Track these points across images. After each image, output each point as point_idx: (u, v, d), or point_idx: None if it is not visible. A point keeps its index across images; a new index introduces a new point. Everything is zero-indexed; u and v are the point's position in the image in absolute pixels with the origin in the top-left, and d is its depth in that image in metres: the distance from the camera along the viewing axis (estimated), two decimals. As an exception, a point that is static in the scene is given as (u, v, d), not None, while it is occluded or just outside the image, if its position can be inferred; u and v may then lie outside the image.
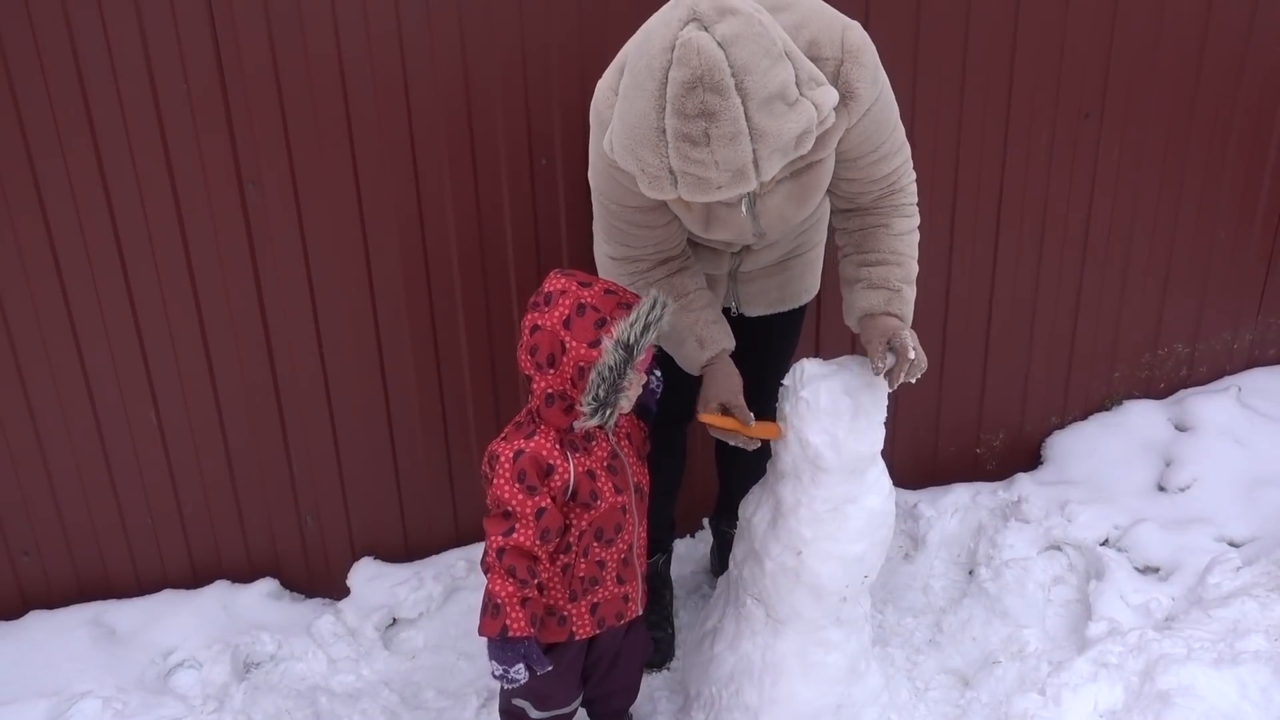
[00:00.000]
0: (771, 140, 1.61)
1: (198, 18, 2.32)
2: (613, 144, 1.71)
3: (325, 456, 2.78)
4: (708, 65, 1.55)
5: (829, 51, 1.79)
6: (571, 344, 1.90)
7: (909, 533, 2.99)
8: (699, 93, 1.56)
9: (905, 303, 2.06)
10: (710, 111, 1.56)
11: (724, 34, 1.56)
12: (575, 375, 1.91)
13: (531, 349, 1.93)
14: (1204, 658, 2.40)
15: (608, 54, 2.45)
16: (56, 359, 2.56)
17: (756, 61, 1.57)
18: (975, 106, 2.76)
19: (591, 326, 1.89)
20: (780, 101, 1.60)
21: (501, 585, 1.97)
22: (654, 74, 1.59)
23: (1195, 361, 3.31)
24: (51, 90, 2.32)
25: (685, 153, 1.60)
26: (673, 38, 1.58)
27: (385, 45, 2.42)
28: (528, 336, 1.94)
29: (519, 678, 2.02)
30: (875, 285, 2.04)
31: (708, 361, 2.11)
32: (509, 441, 1.99)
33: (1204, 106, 2.96)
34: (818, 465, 2.09)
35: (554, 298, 1.92)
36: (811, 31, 1.78)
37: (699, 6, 1.59)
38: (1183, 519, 2.89)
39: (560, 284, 1.93)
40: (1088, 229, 3.00)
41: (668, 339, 2.13)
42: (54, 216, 2.43)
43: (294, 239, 2.55)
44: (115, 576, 2.80)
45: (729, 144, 1.58)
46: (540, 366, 1.94)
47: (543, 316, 1.92)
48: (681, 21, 1.59)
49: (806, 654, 2.26)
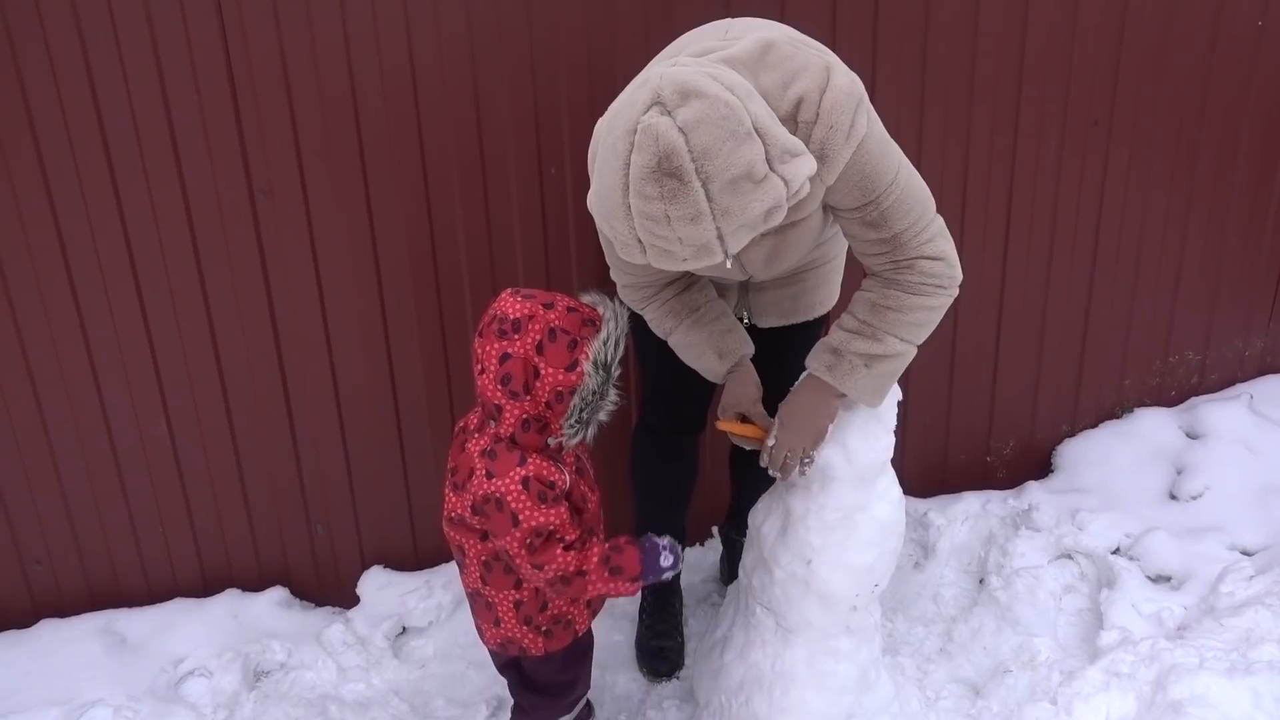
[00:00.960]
0: (736, 219, 1.61)
1: (209, 29, 2.33)
2: (591, 205, 1.74)
3: (335, 465, 2.79)
4: (665, 151, 1.56)
5: (807, 115, 1.76)
6: (546, 370, 1.89)
7: (919, 541, 2.98)
8: (658, 177, 1.57)
9: (845, 375, 1.97)
10: (669, 195, 1.57)
11: (685, 119, 1.56)
12: (551, 399, 1.91)
13: (504, 378, 1.89)
14: (1217, 667, 2.39)
15: (616, 65, 2.49)
16: (69, 368, 2.57)
17: (719, 145, 1.57)
18: (984, 114, 2.76)
19: (565, 350, 1.89)
20: (747, 180, 1.59)
21: (601, 579, 2.00)
22: (618, 154, 1.61)
23: (1206, 369, 3.30)
24: (64, 100, 2.34)
25: (649, 229, 1.62)
26: (635, 121, 1.59)
27: (395, 55, 2.43)
28: (497, 366, 1.89)
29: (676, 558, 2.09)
30: (829, 345, 2.01)
31: (729, 370, 2.13)
32: (501, 478, 1.93)
33: (1213, 113, 2.96)
34: (827, 473, 2.09)
35: (522, 324, 1.89)
36: (797, 92, 1.76)
37: (663, 91, 1.59)
38: (1195, 527, 2.88)
39: (524, 308, 1.90)
40: (1097, 236, 2.99)
41: (683, 354, 2.14)
42: (66, 227, 2.44)
43: (304, 248, 2.56)
44: (126, 585, 2.81)
45: (690, 224, 1.59)
46: (515, 395, 1.90)
47: (512, 344, 1.89)
48: (645, 105, 1.59)
49: (816, 663, 2.25)
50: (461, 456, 2.04)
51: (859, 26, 2.60)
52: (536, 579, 1.99)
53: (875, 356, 1.96)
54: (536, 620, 2.12)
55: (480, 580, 2.10)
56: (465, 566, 2.13)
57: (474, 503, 1.97)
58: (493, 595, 2.11)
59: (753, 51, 1.77)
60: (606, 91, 2.44)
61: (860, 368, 1.97)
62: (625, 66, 2.44)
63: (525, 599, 2.10)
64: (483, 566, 2.08)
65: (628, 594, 2.04)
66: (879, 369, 1.98)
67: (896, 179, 1.87)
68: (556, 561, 1.96)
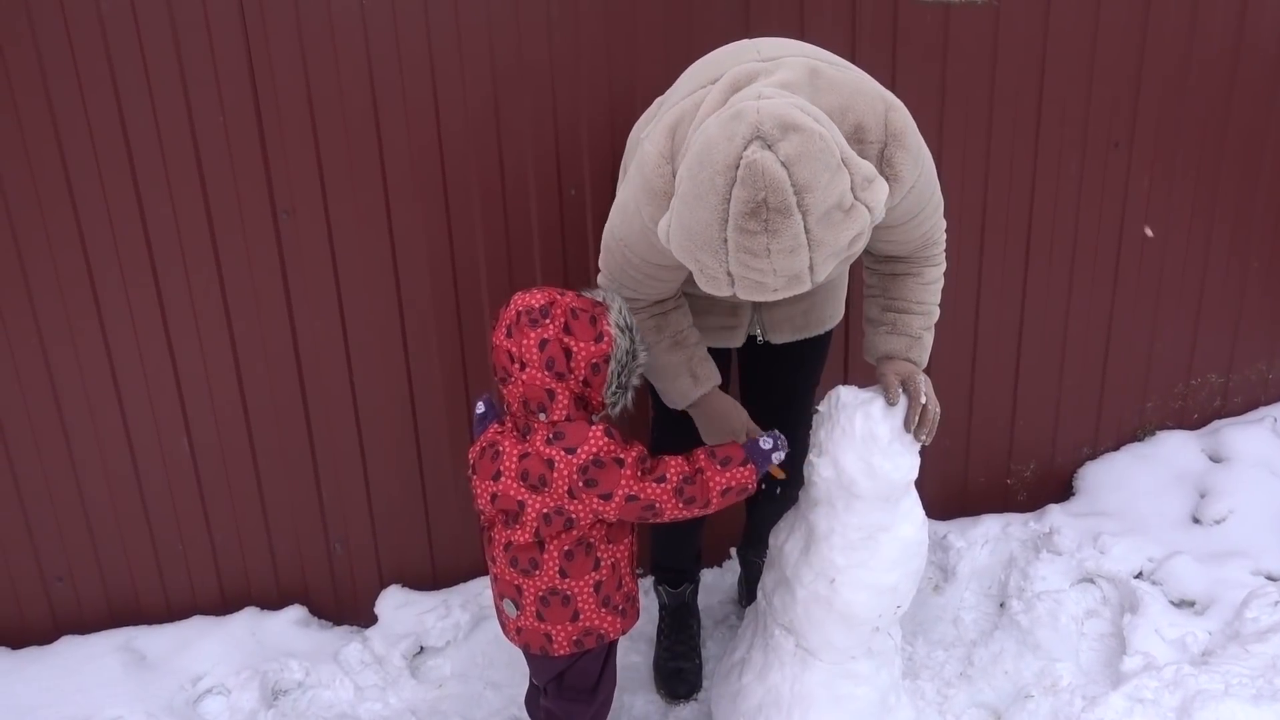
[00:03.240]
0: (827, 248, 1.65)
1: (234, 52, 2.36)
2: (669, 237, 1.74)
3: (354, 484, 2.80)
4: (771, 187, 1.58)
5: (874, 135, 1.81)
6: (577, 346, 1.97)
7: (939, 564, 2.96)
8: (762, 213, 1.59)
9: (924, 349, 2.14)
10: (773, 230, 1.60)
11: (787, 154, 1.59)
12: (588, 374, 1.98)
13: (549, 362, 1.97)
14: (1242, 694, 2.36)
15: (636, 87, 2.50)
16: (92, 386, 2.60)
17: (817, 178, 1.60)
18: (1004, 136, 2.76)
19: (588, 325, 1.98)
20: (838, 211, 1.64)
21: (710, 465, 2.05)
22: (717, 190, 1.62)
23: (1229, 392, 3.27)
24: (91, 121, 2.37)
25: (745, 262, 1.64)
26: (736, 156, 1.60)
27: (418, 78, 2.45)
28: (539, 353, 1.96)
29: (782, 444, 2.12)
30: (898, 331, 2.11)
31: (701, 396, 2.16)
32: (583, 443, 1.98)
33: (1235, 135, 2.95)
34: (852, 492, 2.08)
35: (549, 309, 1.97)
36: (856, 114, 1.80)
37: (763, 125, 1.61)
38: (1219, 552, 2.85)
39: (543, 296, 1.99)
40: (1118, 258, 2.98)
41: (653, 374, 2.18)
42: (91, 245, 2.47)
43: (326, 267, 2.58)
44: (146, 602, 2.82)
45: (788, 256, 1.62)
46: (561, 375, 1.98)
47: (545, 330, 1.97)
48: (745, 139, 1.61)
49: (836, 686, 2.24)
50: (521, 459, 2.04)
51: (879, 48, 2.61)
52: (663, 497, 2.02)
53: (929, 329, 2.15)
54: (614, 599, 2.15)
55: (559, 574, 2.09)
56: (542, 565, 2.09)
57: (575, 479, 1.99)
58: (572, 587, 2.10)
59: (803, 76, 1.80)
60: (626, 113, 2.48)
61: (926, 338, 2.15)
62: (645, 89, 2.46)
63: (604, 578, 2.12)
64: (563, 558, 2.08)
65: (748, 483, 2.07)
66: (929, 338, 2.16)
67: (936, 188, 1.97)
68: (672, 467, 2.03)
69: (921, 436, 2.08)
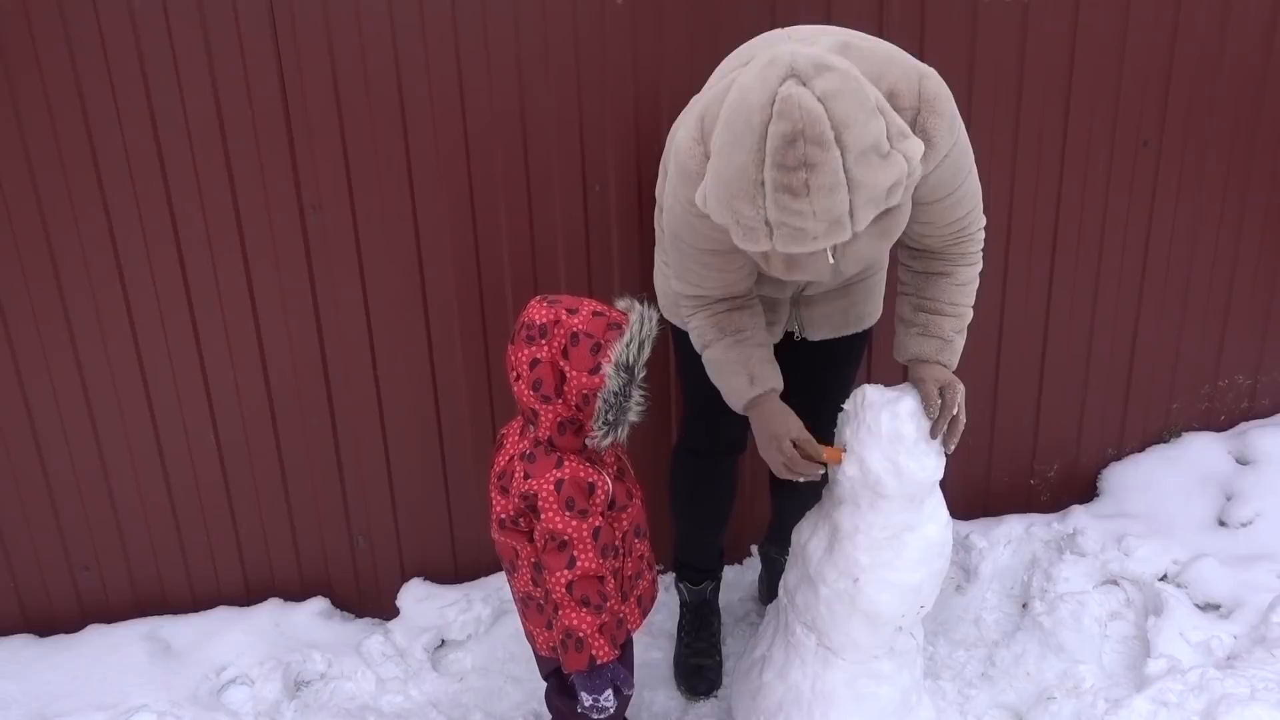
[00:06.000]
0: (867, 191, 1.63)
1: (263, 48, 2.38)
2: (705, 198, 1.74)
3: (377, 478, 2.82)
4: (809, 119, 1.58)
5: (907, 101, 1.81)
6: (571, 373, 1.93)
7: (961, 564, 2.95)
8: (800, 145, 1.58)
9: (955, 352, 2.12)
10: (811, 163, 1.59)
11: (823, 89, 1.59)
12: (580, 402, 1.95)
13: (535, 383, 1.95)
14: (1268, 698, 2.34)
15: (661, 86, 2.50)
16: (120, 379, 2.62)
17: (854, 115, 1.60)
18: (1031, 133, 2.74)
19: (588, 354, 1.93)
20: (875, 154, 1.63)
21: (579, 618, 1.98)
22: (753, 129, 1.62)
23: (1257, 393, 3.24)
24: (122, 117, 2.39)
25: (784, 204, 1.62)
26: (772, 93, 1.60)
27: (443, 75, 2.46)
28: (529, 371, 1.95)
29: (609, 705, 2.03)
30: (930, 334, 2.09)
31: (755, 398, 2.10)
32: (537, 478, 1.99)
33: (1266, 134, 2.91)
34: (878, 491, 2.08)
35: (548, 329, 1.94)
36: (890, 81, 1.80)
37: (797, 63, 1.61)
38: (1245, 555, 2.82)
39: (549, 314, 1.96)
40: (1146, 258, 2.95)
41: (711, 371, 2.14)
42: (121, 242, 2.50)
43: (351, 262, 2.59)
44: (171, 592, 2.85)
45: (828, 195, 1.61)
46: (547, 399, 1.96)
47: (540, 349, 1.94)
48: (780, 78, 1.61)
49: (857, 685, 2.24)
50: (506, 461, 2.08)
51: (904, 45, 2.58)
52: (556, 568, 2.00)
53: (961, 331, 2.12)
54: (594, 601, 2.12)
55: (531, 582, 2.11)
56: (517, 569, 2.14)
57: (519, 502, 2.01)
58: (544, 596, 2.11)
59: (835, 47, 1.80)
60: (651, 110, 2.48)
61: (958, 341, 2.13)
62: (670, 85, 2.46)
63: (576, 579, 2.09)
64: (533, 568, 2.09)
65: (566, 664, 2.04)
66: (960, 341, 2.14)
67: (972, 170, 1.96)
68: (557, 575, 1.99)
69: (949, 446, 2.07)
